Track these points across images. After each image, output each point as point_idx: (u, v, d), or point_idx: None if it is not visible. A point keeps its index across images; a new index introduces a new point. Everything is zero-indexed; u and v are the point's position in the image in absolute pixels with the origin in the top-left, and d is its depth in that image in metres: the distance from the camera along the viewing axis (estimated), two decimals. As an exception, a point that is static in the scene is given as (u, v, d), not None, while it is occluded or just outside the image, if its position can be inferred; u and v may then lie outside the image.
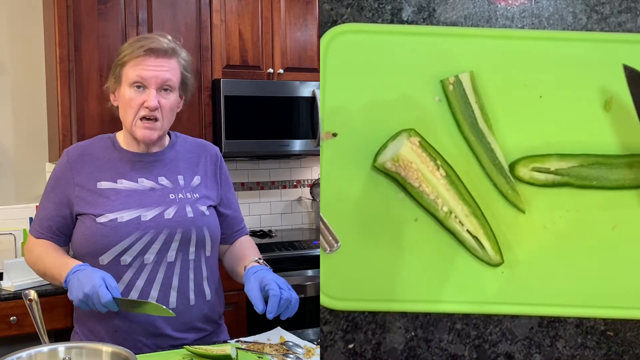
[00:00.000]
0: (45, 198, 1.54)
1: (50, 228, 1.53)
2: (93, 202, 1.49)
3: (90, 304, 1.34)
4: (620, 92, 0.96)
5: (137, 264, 1.47)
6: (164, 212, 1.50)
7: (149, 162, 1.55)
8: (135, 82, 1.48)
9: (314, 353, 1.41)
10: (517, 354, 0.99)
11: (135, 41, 1.53)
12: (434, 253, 0.96)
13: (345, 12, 0.98)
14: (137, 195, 1.50)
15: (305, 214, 3.68)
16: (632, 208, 0.96)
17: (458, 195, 0.91)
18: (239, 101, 3.04)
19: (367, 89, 0.96)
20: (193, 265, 1.53)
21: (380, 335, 0.99)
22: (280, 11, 3.21)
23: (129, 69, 1.49)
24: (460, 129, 0.95)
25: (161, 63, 1.49)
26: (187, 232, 1.51)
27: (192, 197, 1.55)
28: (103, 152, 1.55)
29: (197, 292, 1.53)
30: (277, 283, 1.40)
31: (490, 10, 0.99)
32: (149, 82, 1.48)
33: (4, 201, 2.96)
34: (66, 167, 1.53)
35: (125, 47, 1.53)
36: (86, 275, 1.35)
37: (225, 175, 1.68)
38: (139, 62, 1.48)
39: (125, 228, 1.45)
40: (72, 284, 1.37)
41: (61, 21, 2.75)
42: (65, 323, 2.56)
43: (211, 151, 1.66)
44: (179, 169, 1.58)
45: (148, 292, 1.47)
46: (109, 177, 1.51)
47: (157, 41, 1.51)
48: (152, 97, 1.48)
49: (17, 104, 3.01)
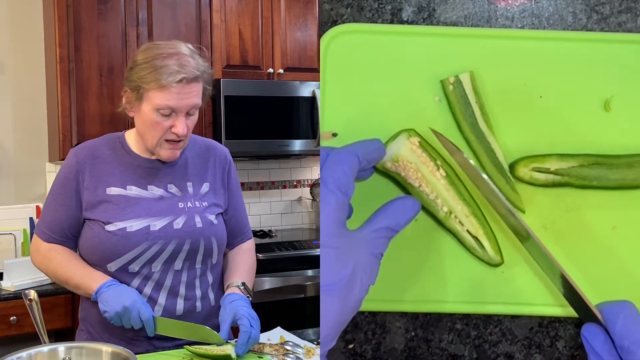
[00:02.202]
0: (54, 200, 1.51)
1: (62, 232, 1.50)
2: (102, 208, 1.47)
3: (126, 318, 1.37)
4: (620, 92, 0.96)
5: (144, 271, 1.46)
6: (172, 222, 1.48)
7: (159, 168, 1.52)
8: (163, 109, 1.42)
9: (314, 353, 1.41)
10: (517, 354, 0.99)
11: (157, 57, 1.41)
12: (434, 253, 0.96)
13: (345, 12, 0.98)
14: (147, 204, 1.48)
15: (305, 214, 3.68)
16: (632, 208, 0.96)
17: (458, 196, 0.91)
18: (239, 101, 3.04)
19: (367, 88, 0.96)
20: (199, 273, 1.53)
21: (380, 335, 0.99)
22: (280, 11, 3.21)
23: (156, 93, 1.41)
24: (460, 129, 0.95)
25: (191, 89, 1.42)
26: (195, 243, 1.50)
27: (200, 205, 1.53)
28: (112, 155, 1.52)
29: (203, 298, 1.53)
30: (249, 319, 1.41)
31: (490, 10, 0.99)
32: (179, 110, 1.43)
33: (4, 201, 2.96)
34: (75, 168, 1.50)
35: (145, 65, 1.42)
36: (124, 291, 1.40)
37: (234, 179, 1.65)
38: (168, 92, 1.40)
39: (134, 238, 1.45)
40: (108, 296, 1.39)
41: (61, 21, 2.75)
42: (65, 323, 2.56)
43: (220, 154, 1.63)
44: (188, 176, 1.56)
45: (155, 299, 1.47)
46: (118, 182, 1.49)
47: (186, 65, 1.41)
48: (182, 125, 1.43)
49: (17, 104, 3.01)
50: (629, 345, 0.72)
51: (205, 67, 1.47)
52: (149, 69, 1.41)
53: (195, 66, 1.43)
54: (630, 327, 0.73)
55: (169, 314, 1.47)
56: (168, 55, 1.42)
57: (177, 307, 1.48)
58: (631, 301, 0.75)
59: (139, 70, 1.43)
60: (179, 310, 1.49)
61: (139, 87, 1.43)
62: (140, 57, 1.45)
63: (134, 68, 1.45)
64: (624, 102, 0.96)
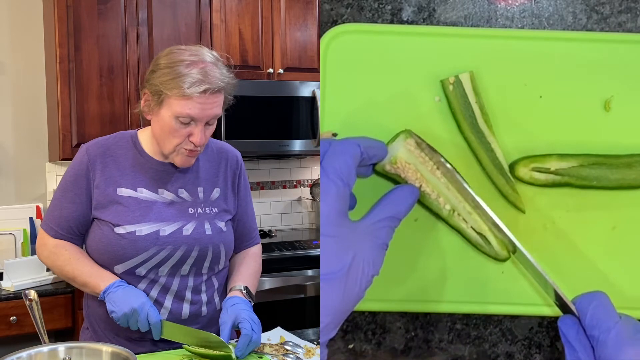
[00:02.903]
0: (62, 196, 1.50)
1: (70, 229, 1.50)
2: (112, 209, 1.46)
3: (133, 320, 1.37)
4: (620, 92, 0.96)
5: (151, 275, 1.46)
6: (182, 227, 1.48)
7: (171, 172, 1.51)
8: (183, 117, 1.40)
9: (314, 353, 1.41)
10: (517, 354, 0.99)
11: (180, 64, 1.39)
12: (434, 253, 0.96)
13: (345, 12, 0.98)
14: (157, 208, 1.48)
15: (305, 214, 3.68)
16: (632, 208, 0.96)
17: (459, 193, 0.91)
18: (239, 101, 3.01)
19: (367, 88, 0.96)
20: (205, 278, 1.53)
21: (380, 335, 0.99)
22: (280, 11, 3.21)
23: (177, 101, 1.38)
24: (460, 129, 0.95)
25: (214, 100, 1.40)
26: (203, 250, 1.49)
27: (211, 212, 1.53)
28: (125, 155, 1.50)
29: (209, 303, 1.53)
30: (250, 322, 1.41)
31: (490, 10, 0.99)
32: (199, 119, 1.41)
33: (4, 201, 2.96)
34: (86, 166, 1.48)
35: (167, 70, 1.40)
36: (133, 293, 1.40)
37: (245, 184, 1.64)
38: (190, 101, 1.38)
39: (143, 242, 1.44)
40: (117, 297, 1.39)
41: (61, 21, 2.75)
42: (65, 323, 2.56)
43: (232, 159, 1.62)
44: (199, 181, 1.55)
45: (162, 302, 1.47)
46: (129, 184, 1.48)
47: (211, 74, 1.39)
48: (201, 134, 1.41)
49: (17, 104, 3.01)
50: (599, 335, 0.73)
51: (230, 78, 1.45)
52: (171, 74, 1.39)
53: (219, 77, 1.40)
54: (600, 317, 0.74)
55: (175, 317, 1.47)
56: (192, 63, 1.39)
57: (182, 311, 1.48)
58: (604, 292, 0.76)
59: (162, 75, 1.40)
60: (185, 314, 1.49)
61: (160, 92, 1.40)
62: (163, 61, 1.42)
63: (156, 71, 1.42)
64: (624, 102, 0.96)
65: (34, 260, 2.54)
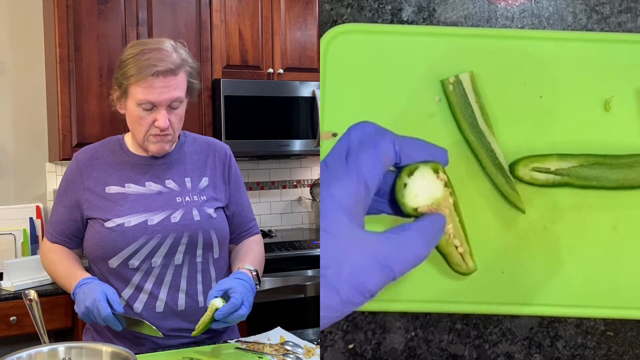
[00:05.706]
0: (57, 202, 1.57)
1: (63, 232, 1.55)
2: (102, 206, 1.50)
3: (92, 317, 1.38)
4: (620, 92, 0.96)
5: (145, 267, 1.48)
6: (170, 215, 1.50)
7: (156, 165, 1.55)
8: (143, 103, 1.45)
9: (314, 353, 1.41)
10: (517, 354, 0.99)
11: (140, 53, 1.45)
12: (433, 253, 0.96)
13: (345, 12, 0.98)
14: (145, 200, 1.51)
15: (305, 214, 3.68)
16: (632, 208, 0.96)
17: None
18: (239, 101, 3.04)
19: (367, 88, 0.96)
20: (201, 268, 1.53)
21: (380, 335, 0.99)
22: (280, 11, 3.21)
23: (136, 88, 1.44)
24: (460, 129, 0.95)
25: (169, 83, 1.44)
26: (193, 236, 1.51)
27: (199, 199, 1.55)
28: (111, 156, 1.56)
29: (206, 293, 1.53)
30: (243, 297, 1.40)
31: (490, 10, 0.99)
32: (158, 104, 1.45)
33: (4, 201, 2.96)
34: (76, 171, 1.54)
35: (128, 60, 1.46)
36: (90, 289, 1.40)
37: (235, 174, 1.66)
38: (146, 85, 1.43)
39: (132, 233, 1.47)
40: (78, 296, 1.42)
41: (61, 21, 2.75)
42: (65, 323, 2.56)
43: (220, 150, 1.65)
44: (187, 171, 1.57)
45: (157, 294, 1.48)
46: (117, 181, 1.53)
47: (164, 59, 1.44)
48: (163, 118, 1.46)
49: (17, 104, 3.01)
50: None
51: (184, 61, 1.49)
52: (130, 64, 1.45)
53: (172, 60, 1.45)
54: None
55: (171, 309, 1.48)
56: (149, 51, 1.45)
57: (178, 302, 1.49)
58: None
59: (123, 67, 1.47)
60: (181, 305, 1.49)
61: (121, 83, 1.47)
62: (126, 54, 1.48)
63: (119, 66, 1.49)
64: (624, 102, 0.96)
65: (34, 260, 2.54)
